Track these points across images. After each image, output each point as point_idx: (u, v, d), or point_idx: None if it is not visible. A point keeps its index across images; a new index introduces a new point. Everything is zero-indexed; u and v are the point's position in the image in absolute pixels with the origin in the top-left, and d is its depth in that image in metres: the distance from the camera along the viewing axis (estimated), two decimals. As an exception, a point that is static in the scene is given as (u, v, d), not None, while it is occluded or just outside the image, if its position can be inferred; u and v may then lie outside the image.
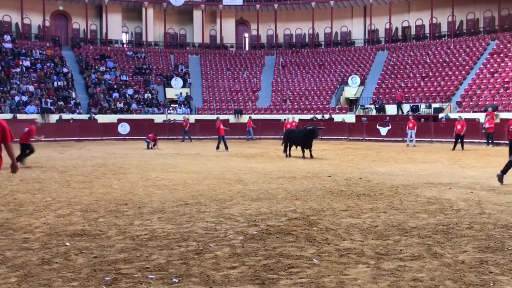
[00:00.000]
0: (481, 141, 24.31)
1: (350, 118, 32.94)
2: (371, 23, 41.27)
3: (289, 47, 43.85)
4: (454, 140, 21.41)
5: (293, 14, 44.02)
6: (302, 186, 10.10)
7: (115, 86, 35.97)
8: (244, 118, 34.17)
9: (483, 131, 23.98)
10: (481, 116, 26.83)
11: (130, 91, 35.97)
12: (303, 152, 16.94)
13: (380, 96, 34.53)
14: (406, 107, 32.38)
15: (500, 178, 10.16)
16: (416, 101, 32.66)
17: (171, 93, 37.21)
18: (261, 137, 30.58)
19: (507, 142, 12.00)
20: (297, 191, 9.44)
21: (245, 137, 29.45)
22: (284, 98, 37.39)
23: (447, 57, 36.22)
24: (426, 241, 5.65)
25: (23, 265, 4.77)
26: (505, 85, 29.99)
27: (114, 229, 6.27)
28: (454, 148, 20.82)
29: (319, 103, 35.91)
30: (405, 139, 24.92)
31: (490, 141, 23.14)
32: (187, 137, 28.46)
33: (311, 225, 6.48)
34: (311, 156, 16.74)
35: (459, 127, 21.16)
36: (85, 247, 5.41)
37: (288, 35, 44.70)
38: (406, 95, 33.64)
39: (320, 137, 28.29)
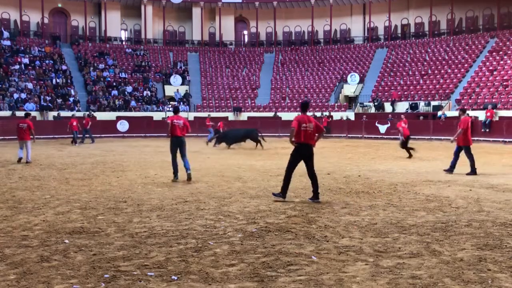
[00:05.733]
0: (479, 138, 24.31)
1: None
2: (370, 20, 41.23)
3: (288, 44, 43.78)
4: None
5: (292, 12, 43.96)
6: (301, 183, 10.09)
7: (114, 84, 35.91)
8: (244, 116, 34.17)
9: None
10: (479, 114, 26.86)
11: (129, 89, 35.90)
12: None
13: (380, 93, 34.51)
14: (405, 105, 32.26)
15: None
16: (415, 98, 32.64)
17: (170, 91, 37.15)
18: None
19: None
20: (296, 188, 9.44)
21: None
22: (283, 95, 37.35)
23: (446, 55, 36.19)
24: (425, 238, 5.66)
25: (22, 262, 4.77)
26: (504, 83, 29.97)
27: (113, 227, 6.28)
28: None
29: (318, 101, 35.86)
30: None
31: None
32: (88, 136, 25.19)
33: (310, 223, 6.48)
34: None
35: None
36: (84, 245, 5.41)
37: (287, 33, 44.63)
38: (405, 92, 33.61)
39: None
